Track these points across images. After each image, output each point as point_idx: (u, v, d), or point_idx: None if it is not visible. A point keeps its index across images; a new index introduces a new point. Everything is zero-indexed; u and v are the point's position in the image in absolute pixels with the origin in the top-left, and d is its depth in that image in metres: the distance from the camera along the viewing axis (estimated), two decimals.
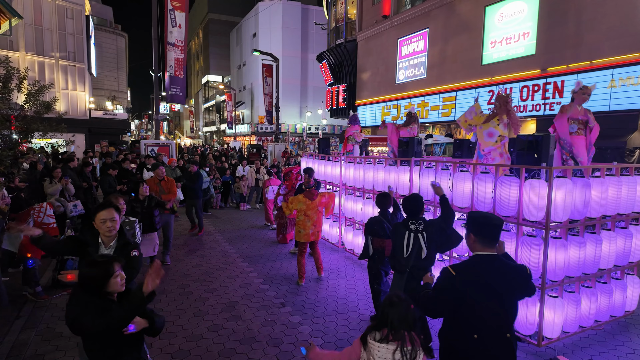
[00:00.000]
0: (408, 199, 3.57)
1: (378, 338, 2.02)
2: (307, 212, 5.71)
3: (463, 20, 15.24)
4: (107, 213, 2.83)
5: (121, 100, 38.75)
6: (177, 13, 15.00)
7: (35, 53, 25.18)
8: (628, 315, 4.72)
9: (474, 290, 2.16)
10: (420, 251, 3.40)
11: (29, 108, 10.99)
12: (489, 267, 2.20)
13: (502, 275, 2.18)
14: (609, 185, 4.15)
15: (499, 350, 2.17)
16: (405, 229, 3.45)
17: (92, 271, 2.15)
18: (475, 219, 2.31)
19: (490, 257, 2.23)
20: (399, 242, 3.45)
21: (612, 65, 10.70)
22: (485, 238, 2.24)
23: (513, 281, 2.19)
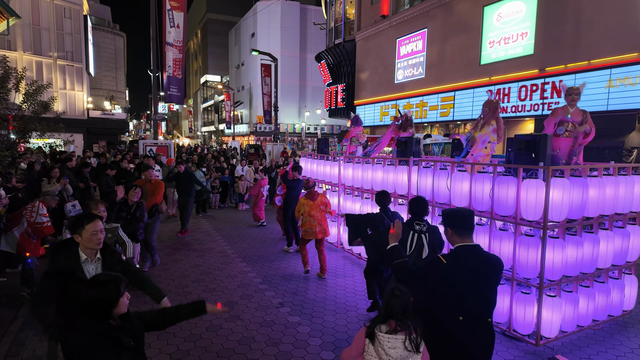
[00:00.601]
0: (414, 201, 3.64)
1: (385, 330, 2.11)
2: (311, 212, 5.94)
3: (461, 20, 15.26)
4: (95, 224, 2.54)
5: (119, 100, 38.69)
6: (176, 13, 14.97)
7: (33, 53, 25.13)
8: (626, 314, 4.73)
9: (461, 277, 2.34)
10: (422, 250, 3.48)
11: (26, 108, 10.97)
12: (472, 256, 2.39)
13: (483, 263, 2.39)
14: (607, 184, 4.16)
15: (481, 333, 2.38)
16: (410, 229, 3.52)
17: (101, 293, 1.83)
18: (448, 215, 2.52)
19: (471, 247, 2.42)
20: (403, 240, 3.47)
21: (610, 65, 10.73)
22: (461, 230, 2.43)
23: (493, 268, 2.40)
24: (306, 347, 3.98)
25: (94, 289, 1.85)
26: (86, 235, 2.53)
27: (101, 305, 1.84)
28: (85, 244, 2.54)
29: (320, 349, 3.94)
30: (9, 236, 5.08)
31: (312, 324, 4.49)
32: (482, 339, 2.40)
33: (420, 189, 5.26)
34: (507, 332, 4.19)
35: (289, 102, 38.05)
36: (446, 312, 2.37)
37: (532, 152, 3.91)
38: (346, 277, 6.01)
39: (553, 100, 11.94)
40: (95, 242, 2.56)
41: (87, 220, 2.56)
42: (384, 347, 2.08)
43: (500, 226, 4.29)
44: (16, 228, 5.09)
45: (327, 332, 4.31)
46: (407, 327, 2.11)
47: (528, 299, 3.95)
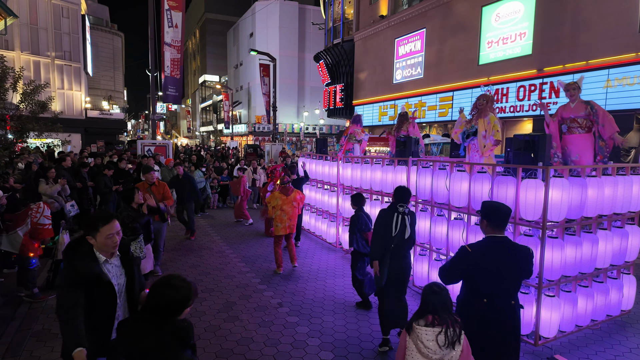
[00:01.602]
0: (399, 189, 4.09)
1: (423, 324, 2.21)
2: (282, 207, 6.11)
3: (460, 21, 15.28)
4: (111, 226, 2.32)
5: (117, 100, 38.62)
6: (174, 13, 14.95)
7: (30, 52, 25.04)
8: (624, 314, 4.74)
9: (486, 263, 2.62)
10: (405, 230, 3.90)
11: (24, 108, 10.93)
12: (499, 245, 2.67)
13: (509, 252, 2.65)
14: (605, 184, 4.16)
15: (505, 314, 2.64)
16: (394, 211, 3.94)
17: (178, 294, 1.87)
18: (487, 207, 2.77)
19: (500, 238, 2.69)
20: (389, 222, 3.89)
21: (608, 66, 10.76)
22: (494, 222, 2.70)
23: (518, 258, 2.65)
24: (305, 347, 3.98)
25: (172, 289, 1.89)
26: (101, 239, 2.29)
27: (175, 307, 1.89)
28: (100, 247, 2.32)
29: (319, 349, 3.94)
30: (12, 236, 5.00)
31: (311, 324, 4.48)
32: (507, 319, 2.64)
33: (419, 189, 5.26)
34: None
35: (287, 102, 38.03)
36: (472, 296, 2.67)
37: (531, 152, 3.91)
38: (345, 277, 6.00)
39: (551, 101, 11.96)
40: (111, 246, 2.33)
41: (102, 221, 2.31)
42: (422, 339, 2.16)
43: None
44: (20, 228, 5.03)
45: (325, 332, 4.30)
46: (445, 321, 2.17)
47: (527, 299, 3.94)
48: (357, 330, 4.35)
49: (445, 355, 2.13)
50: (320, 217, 8.20)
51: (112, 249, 2.35)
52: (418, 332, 2.18)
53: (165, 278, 1.97)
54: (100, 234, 2.29)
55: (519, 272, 2.66)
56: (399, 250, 3.88)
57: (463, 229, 4.60)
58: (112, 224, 2.32)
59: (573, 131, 4.77)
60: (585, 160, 4.69)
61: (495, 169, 4.31)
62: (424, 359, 2.15)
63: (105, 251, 2.34)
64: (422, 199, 5.33)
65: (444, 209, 4.94)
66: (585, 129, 4.68)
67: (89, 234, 2.30)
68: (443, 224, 4.89)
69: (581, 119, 4.69)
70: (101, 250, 2.33)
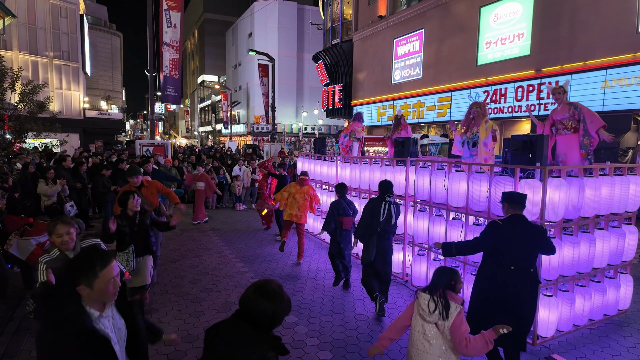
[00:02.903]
0: (384, 182, 4.73)
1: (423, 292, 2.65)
2: (295, 195, 6.61)
3: (458, 21, 15.31)
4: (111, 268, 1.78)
5: (116, 100, 38.56)
6: (173, 13, 14.94)
7: (28, 52, 25.00)
8: (621, 313, 4.76)
9: (512, 236, 3.15)
10: (391, 217, 4.63)
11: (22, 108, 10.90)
12: (521, 221, 3.22)
13: (529, 227, 3.20)
14: (602, 185, 4.18)
15: (526, 279, 3.15)
16: (382, 201, 4.64)
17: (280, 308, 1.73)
18: (508, 194, 3.36)
19: (521, 216, 3.25)
20: (377, 209, 4.61)
21: (606, 66, 10.80)
22: (514, 204, 3.26)
23: (535, 232, 3.19)
24: (304, 347, 3.98)
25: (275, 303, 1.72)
26: (100, 286, 1.71)
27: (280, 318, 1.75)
28: (97, 297, 1.73)
29: (317, 349, 3.94)
30: (25, 242, 4.81)
31: (310, 324, 4.49)
32: (526, 285, 3.15)
33: (418, 189, 5.27)
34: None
35: (286, 102, 38.03)
36: (500, 264, 3.16)
37: (529, 152, 3.93)
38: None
39: (549, 101, 11.99)
40: (112, 294, 1.77)
41: (101, 263, 1.72)
42: (420, 302, 2.59)
43: None
44: (35, 237, 4.89)
45: (324, 332, 4.31)
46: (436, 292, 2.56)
47: None
48: (356, 330, 4.36)
49: (439, 322, 2.51)
50: (319, 217, 8.21)
51: (112, 297, 1.79)
52: (419, 298, 2.63)
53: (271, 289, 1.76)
54: (100, 280, 1.71)
55: (536, 245, 3.21)
56: (384, 234, 4.65)
57: (461, 228, 4.62)
58: (112, 265, 1.77)
59: (560, 132, 4.89)
60: (571, 159, 4.76)
61: (493, 169, 4.33)
62: (422, 320, 2.58)
63: (100, 302, 1.77)
64: (420, 199, 5.34)
65: (442, 209, 4.95)
66: (572, 129, 4.79)
67: (83, 282, 1.68)
68: (441, 224, 4.91)
69: (566, 120, 4.82)
70: (96, 301, 1.75)
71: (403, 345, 4.05)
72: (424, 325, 2.55)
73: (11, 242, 4.76)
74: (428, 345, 2.51)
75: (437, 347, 2.50)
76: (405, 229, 5.78)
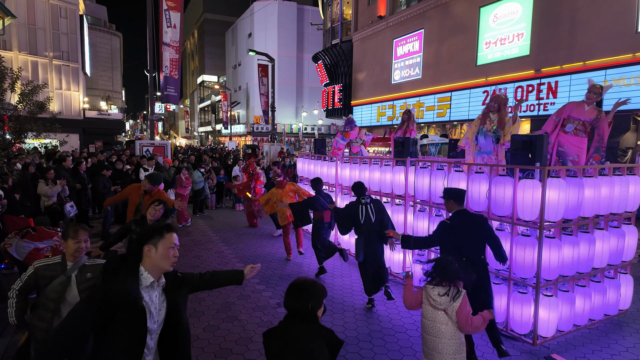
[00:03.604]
0: (356, 185, 4.95)
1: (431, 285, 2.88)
2: (281, 199, 6.70)
3: (458, 21, 15.32)
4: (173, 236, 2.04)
5: (116, 100, 38.55)
6: (172, 13, 14.94)
7: (28, 53, 24.98)
8: (622, 313, 4.76)
9: (460, 231, 3.55)
10: (370, 217, 4.77)
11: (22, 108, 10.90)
12: (466, 215, 3.66)
13: (473, 220, 3.62)
14: (602, 185, 4.19)
15: (479, 267, 3.48)
16: (358, 204, 4.81)
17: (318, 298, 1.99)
18: (452, 191, 3.72)
19: (464, 210, 3.70)
20: (355, 213, 4.79)
21: (605, 66, 10.81)
22: (459, 200, 3.67)
23: (478, 223, 3.60)
24: None
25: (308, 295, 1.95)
26: (162, 249, 1.94)
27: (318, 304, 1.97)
28: (157, 262, 1.94)
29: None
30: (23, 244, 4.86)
31: None
32: (482, 272, 3.52)
33: (418, 189, 5.27)
34: (505, 331, 4.21)
35: (286, 103, 38.03)
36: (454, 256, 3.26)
37: (528, 152, 3.93)
38: (343, 277, 6.02)
39: (549, 101, 12.00)
40: (171, 261, 1.99)
41: (167, 228, 2.00)
42: (430, 295, 2.85)
43: (497, 226, 4.30)
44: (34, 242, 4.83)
45: None
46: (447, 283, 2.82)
47: (525, 299, 3.96)
48: (356, 330, 4.37)
49: (448, 307, 2.77)
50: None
51: (170, 264, 2.00)
52: (428, 291, 2.87)
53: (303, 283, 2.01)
54: (163, 243, 1.95)
55: (481, 235, 3.56)
56: (369, 233, 4.75)
57: None
58: (175, 234, 2.04)
59: (578, 133, 4.76)
60: (582, 162, 4.72)
61: (492, 169, 4.33)
62: (433, 309, 2.84)
63: (158, 269, 1.97)
64: (420, 199, 5.35)
65: (442, 209, 4.95)
66: (587, 133, 4.70)
67: (149, 241, 1.94)
68: None
69: (587, 123, 4.68)
70: (155, 267, 1.95)
71: (403, 345, 4.06)
72: (434, 313, 2.83)
73: (10, 242, 4.76)
74: (440, 330, 2.80)
75: (447, 331, 2.79)
76: (405, 229, 5.79)
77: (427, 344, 2.87)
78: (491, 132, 5.02)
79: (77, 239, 2.64)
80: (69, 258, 2.67)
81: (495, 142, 5.04)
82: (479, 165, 4.54)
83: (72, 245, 2.65)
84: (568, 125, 4.77)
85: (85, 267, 2.70)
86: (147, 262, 1.94)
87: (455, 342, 2.80)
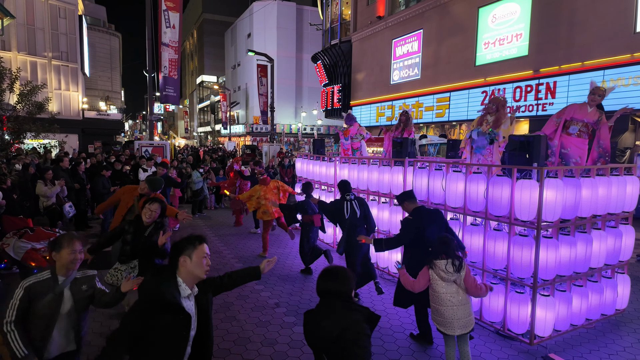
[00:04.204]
0: (341, 182, 5.26)
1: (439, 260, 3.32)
2: (266, 196, 6.88)
3: (457, 22, 15.34)
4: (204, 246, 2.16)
5: (115, 100, 38.53)
6: (171, 13, 14.95)
7: (27, 53, 24.96)
8: (619, 313, 4.78)
9: (421, 224, 3.92)
10: (355, 213, 5.02)
11: (21, 108, 10.91)
12: (423, 210, 4.06)
13: (430, 213, 4.05)
14: (599, 185, 4.20)
15: None
16: (343, 200, 5.08)
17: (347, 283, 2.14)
18: (404, 194, 4.22)
19: (420, 207, 4.12)
20: (340, 209, 5.04)
21: (604, 67, 10.83)
22: (411, 199, 4.14)
23: (436, 216, 4.05)
24: (302, 347, 3.99)
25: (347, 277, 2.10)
26: (196, 259, 2.03)
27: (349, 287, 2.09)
28: (191, 271, 2.03)
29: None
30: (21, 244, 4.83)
31: None
32: None
33: (416, 189, 5.28)
34: (502, 331, 4.22)
35: (285, 103, 38.06)
36: (419, 248, 3.84)
37: (526, 152, 3.94)
38: None
39: (547, 101, 12.03)
40: (204, 269, 2.10)
41: (199, 240, 2.09)
42: (441, 268, 3.27)
43: (494, 226, 4.32)
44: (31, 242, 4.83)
45: None
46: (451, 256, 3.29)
47: (522, 299, 3.98)
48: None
49: (457, 277, 3.26)
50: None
51: (204, 272, 2.10)
52: (438, 265, 3.29)
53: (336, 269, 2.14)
54: (197, 253, 2.04)
55: (439, 225, 3.98)
56: (354, 228, 4.97)
57: (459, 229, 4.63)
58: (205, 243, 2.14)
59: (581, 135, 4.77)
60: (583, 163, 4.73)
61: (490, 169, 4.35)
62: (443, 282, 3.27)
63: (193, 278, 2.07)
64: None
65: (441, 209, 4.96)
66: (589, 135, 4.71)
67: (184, 253, 2.03)
68: None
69: (590, 125, 4.70)
70: (190, 276, 2.05)
71: (401, 345, 4.07)
72: (447, 286, 3.27)
73: (8, 242, 4.78)
74: (453, 300, 3.25)
75: (459, 299, 3.25)
76: None
77: (445, 314, 3.28)
78: (486, 134, 5.09)
79: (72, 248, 2.41)
80: (60, 271, 2.41)
81: (489, 143, 5.10)
82: (477, 165, 4.56)
83: (66, 256, 2.40)
84: (572, 127, 4.76)
85: (78, 280, 2.49)
86: (182, 272, 2.03)
87: (468, 306, 3.30)
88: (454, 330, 3.27)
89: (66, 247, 2.40)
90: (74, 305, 2.45)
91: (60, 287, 2.40)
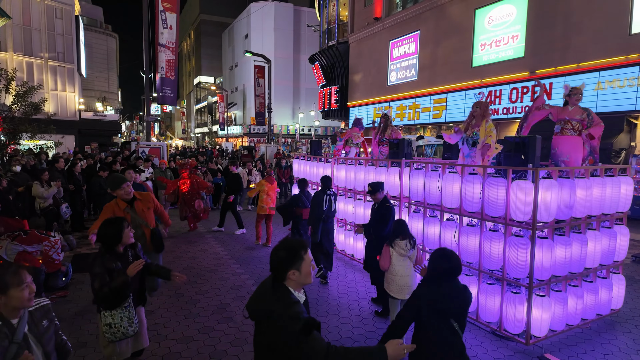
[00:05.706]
0: (324, 178, 5.90)
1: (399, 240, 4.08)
2: (268, 192, 7.70)
3: (453, 23, 15.40)
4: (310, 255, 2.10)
5: (112, 101, 38.43)
6: (168, 14, 14.93)
7: (23, 53, 24.85)
8: (614, 313, 4.81)
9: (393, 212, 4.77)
10: (331, 206, 5.86)
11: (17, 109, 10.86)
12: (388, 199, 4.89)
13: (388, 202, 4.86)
14: (594, 185, 4.23)
15: None
16: (324, 194, 5.78)
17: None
18: (375, 184, 4.88)
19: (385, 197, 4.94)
20: (320, 200, 5.74)
21: (599, 68, 10.90)
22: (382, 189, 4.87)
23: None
24: None
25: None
26: (305, 269, 1.98)
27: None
28: (302, 280, 1.99)
29: None
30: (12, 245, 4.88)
31: None
32: None
33: (412, 190, 5.30)
34: (498, 331, 4.24)
35: (282, 104, 38.07)
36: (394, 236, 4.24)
37: (521, 153, 3.97)
38: (338, 278, 6.04)
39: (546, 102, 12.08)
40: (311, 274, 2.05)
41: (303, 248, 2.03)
42: (400, 246, 4.04)
43: (490, 227, 4.34)
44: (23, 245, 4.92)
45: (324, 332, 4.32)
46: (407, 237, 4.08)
47: (518, 299, 4.00)
48: (351, 331, 4.38)
49: (411, 254, 4.07)
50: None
51: (311, 279, 2.05)
52: (399, 244, 4.04)
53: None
54: (304, 265, 1.98)
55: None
56: (327, 219, 5.83)
57: (455, 230, 4.65)
58: (309, 250, 2.08)
59: (565, 132, 4.85)
60: (574, 160, 4.78)
61: (486, 170, 4.37)
62: (401, 257, 4.04)
63: (301, 286, 2.02)
64: (415, 200, 5.38)
65: (437, 210, 4.99)
66: (577, 132, 4.79)
67: (293, 267, 1.95)
68: (436, 225, 4.94)
69: (575, 122, 4.79)
70: (299, 285, 2.01)
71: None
72: (404, 261, 4.05)
73: (1, 244, 4.79)
74: (406, 271, 4.05)
75: (410, 271, 4.08)
76: None
77: (399, 283, 4.03)
78: (470, 137, 5.22)
79: (21, 284, 1.93)
80: (11, 314, 1.94)
81: (470, 146, 5.22)
82: (472, 166, 4.58)
83: (17, 294, 1.91)
84: (555, 127, 4.89)
85: (34, 314, 2.05)
86: (291, 284, 1.99)
87: (414, 276, 4.11)
88: (404, 295, 3.99)
89: (14, 285, 1.91)
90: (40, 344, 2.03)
91: (20, 330, 1.94)
